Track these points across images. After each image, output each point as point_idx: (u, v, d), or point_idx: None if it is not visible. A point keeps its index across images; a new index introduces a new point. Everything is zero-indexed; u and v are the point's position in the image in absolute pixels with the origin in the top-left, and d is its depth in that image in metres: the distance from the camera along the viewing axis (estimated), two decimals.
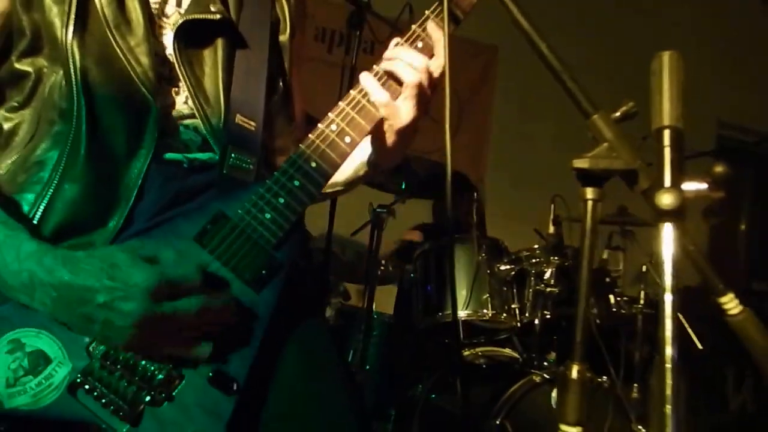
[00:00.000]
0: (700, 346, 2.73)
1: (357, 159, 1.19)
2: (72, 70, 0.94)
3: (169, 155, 1.01)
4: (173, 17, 1.06)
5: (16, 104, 0.99)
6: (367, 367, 2.66)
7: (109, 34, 0.97)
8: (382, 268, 2.72)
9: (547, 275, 2.61)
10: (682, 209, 0.68)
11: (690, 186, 0.75)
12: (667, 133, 0.70)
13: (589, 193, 0.78)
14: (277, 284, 0.97)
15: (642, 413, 2.93)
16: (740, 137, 5.62)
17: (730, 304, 0.78)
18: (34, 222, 0.93)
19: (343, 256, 3.01)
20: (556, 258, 2.60)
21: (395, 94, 1.05)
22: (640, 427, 2.49)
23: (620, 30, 5.07)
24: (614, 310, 2.89)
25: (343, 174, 1.21)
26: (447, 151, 0.92)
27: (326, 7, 3.20)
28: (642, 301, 2.94)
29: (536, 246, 2.73)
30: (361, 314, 2.69)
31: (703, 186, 0.75)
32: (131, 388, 0.89)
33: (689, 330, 2.73)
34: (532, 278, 2.61)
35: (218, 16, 1.05)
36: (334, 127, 1.02)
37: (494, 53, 4.87)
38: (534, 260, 2.64)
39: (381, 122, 1.07)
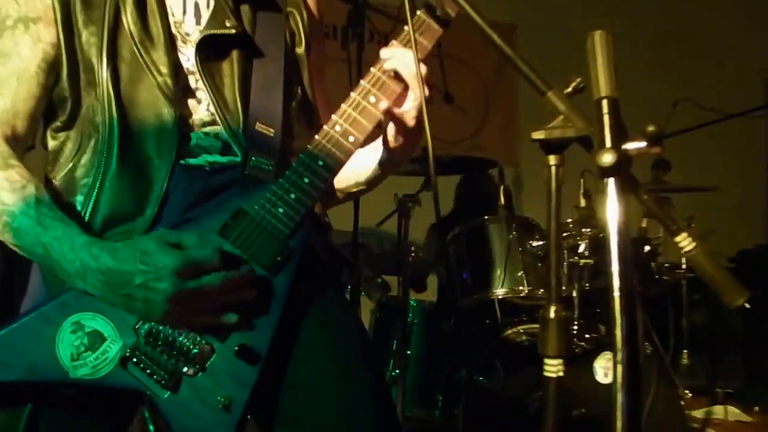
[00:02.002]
0: (747, 306, 2.82)
1: (372, 160, 1.37)
2: (105, 88, 1.16)
3: (192, 160, 1.20)
4: (194, 34, 1.25)
5: (60, 124, 1.21)
6: (408, 352, 2.84)
7: (136, 50, 1.18)
8: (413, 255, 2.90)
9: (581, 248, 2.74)
10: (623, 165, 0.85)
11: (631, 145, 0.90)
12: (605, 103, 0.86)
13: (552, 159, 0.96)
14: (292, 268, 1.16)
15: (692, 380, 3.04)
16: None
17: (684, 242, 0.93)
18: (86, 218, 1.16)
19: (379, 249, 3.20)
20: (588, 230, 2.72)
21: (392, 94, 1.21)
22: (686, 391, 2.61)
23: None
24: (656, 277, 3.00)
25: (363, 174, 1.39)
26: (427, 140, 1.10)
27: (331, 6, 3.35)
28: (684, 266, 3.04)
29: (569, 220, 2.85)
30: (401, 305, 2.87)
31: (642, 144, 0.90)
32: (171, 361, 1.10)
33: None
34: (566, 252, 2.74)
35: (233, 31, 1.24)
36: (338, 128, 1.19)
37: (513, 32, 4.98)
38: (566, 234, 2.76)
39: (388, 120, 1.24)
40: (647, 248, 3.07)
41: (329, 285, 1.31)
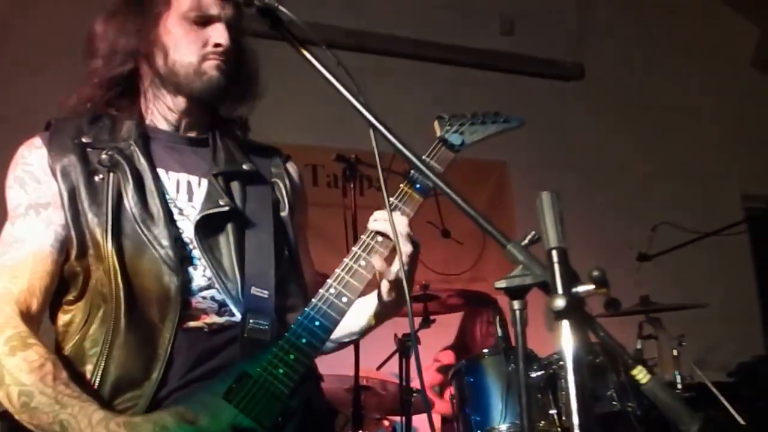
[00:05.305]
0: (742, 422, 2.83)
1: (366, 312, 1.49)
2: (111, 263, 1.28)
3: (191, 323, 1.31)
4: (187, 210, 1.40)
5: (71, 298, 1.33)
6: None
7: (138, 228, 1.32)
8: (415, 395, 2.91)
9: None
10: (575, 308, 0.96)
11: (581, 288, 1.01)
12: (554, 253, 0.99)
13: (516, 304, 1.07)
14: (293, 427, 1.24)
15: None
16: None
17: (640, 374, 1.02)
18: (95, 386, 1.24)
19: (384, 391, 3.20)
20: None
21: (380, 257, 1.35)
22: None
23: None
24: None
25: (356, 324, 1.51)
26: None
27: (331, 157, 3.54)
28: (679, 385, 3.06)
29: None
30: None
31: (591, 287, 1.01)
32: None
33: (729, 407, 2.84)
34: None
35: (227, 208, 1.39)
36: (332, 290, 1.33)
37: (503, 168, 5.26)
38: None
39: (380, 281, 1.37)
40: None
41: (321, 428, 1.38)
